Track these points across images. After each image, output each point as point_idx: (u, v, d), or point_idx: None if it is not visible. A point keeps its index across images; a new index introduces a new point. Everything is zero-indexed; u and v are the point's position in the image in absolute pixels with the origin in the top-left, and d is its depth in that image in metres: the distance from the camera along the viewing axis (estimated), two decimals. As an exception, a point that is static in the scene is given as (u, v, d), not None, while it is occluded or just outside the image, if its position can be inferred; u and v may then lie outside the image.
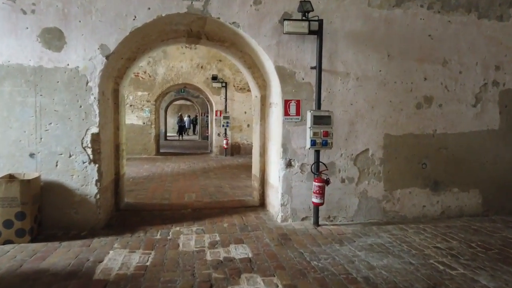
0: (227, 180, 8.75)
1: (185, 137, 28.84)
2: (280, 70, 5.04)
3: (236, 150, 14.45)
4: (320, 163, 4.94)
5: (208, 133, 23.56)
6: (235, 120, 14.33)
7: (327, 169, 4.95)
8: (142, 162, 12.09)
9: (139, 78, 13.68)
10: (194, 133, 32.42)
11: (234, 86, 14.26)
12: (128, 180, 8.45)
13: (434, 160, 5.44)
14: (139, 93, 13.76)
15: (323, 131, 4.81)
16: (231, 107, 14.30)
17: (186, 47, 13.64)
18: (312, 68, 5.06)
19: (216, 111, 14.25)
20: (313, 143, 4.81)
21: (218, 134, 14.34)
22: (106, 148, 5.10)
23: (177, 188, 7.74)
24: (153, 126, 13.92)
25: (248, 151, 14.30)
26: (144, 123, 13.86)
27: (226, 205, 6.16)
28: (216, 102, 14.25)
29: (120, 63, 5.39)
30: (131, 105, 13.73)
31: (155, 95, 13.85)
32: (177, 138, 24.25)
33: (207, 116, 23.20)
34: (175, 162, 12.32)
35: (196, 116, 31.89)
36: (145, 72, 13.69)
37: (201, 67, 13.95)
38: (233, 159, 13.39)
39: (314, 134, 4.80)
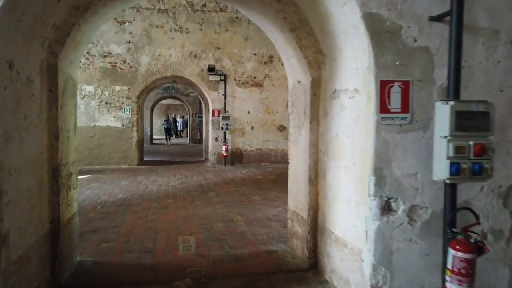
0: (238, 207, 6.18)
1: (174, 140, 26.06)
2: (372, 23, 2.55)
3: (238, 158, 11.87)
4: (464, 210, 2.43)
5: (200, 136, 20.93)
6: (236, 121, 11.77)
7: (478, 222, 2.43)
8: (120, 175, 9.42)
9: (117, 69, 11.00)
10: (181, 136, 29.67)
11: (235, 79, 11.70)
12: (93, 210, 5.80)
13: None
14: (117, 88, 11.08)
15: (475, 145, 2.30)
16: (232, 105, 11.72)
17: (176, 30, 11.02)
18: (432, 18, 2.58)
19: (213, 110, 11.65)
20: (456, 169, 2.29)
21: (216, 139, 11.73)
22: (25, 178, 2.52)
23: (166, 224, 5.15)
24: (134, 128, 11.25)
25: (252, 159, 11.75)
26: (123, 125, 11.17)
27: (251, 269, 3.61)
28: (213, 99, 11.65)
29: (56, 12, 2.80)
30: (107, 103, 11.03)
31: (137, 90, 11.18)
32: (164, 142, 21.46)
33: (200, 117, 20.59)
34: (162, 175, 9.68)
35: (184, 117, 29.16)
36: (124, 62, 11.01)
37: (195, 55, 11.35)
38: (236, 170, 10.81)
39: (458, 150, 2.29)
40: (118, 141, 11.12)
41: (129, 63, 11.02)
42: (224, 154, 11.41)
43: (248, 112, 11.85)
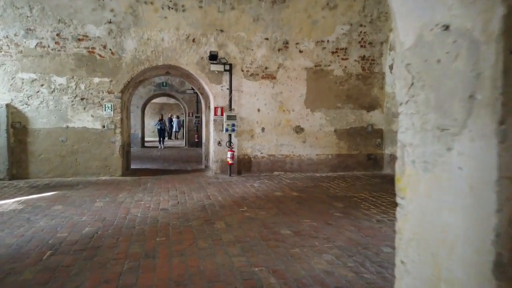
0: (263, 252, 4.01)
1: (168, 142, 23.82)
2: None
3: (246, 166, 9.72)
4: None
5: (198, 138, 18.75)
6: (244, 121, 9.62)
7: None
8: (96, 192, 7.22)
9: (95, 56, 8.80)
10: (176, 138, 27.42)
11: (242, 70, 9.54)
12: (36, 261, 3.61)
13: None
14: (96, 80, 8.87)
15: None
16: (238, 102, 9.57)
17: (169, 7, 8.84)
18: None
19: (216, 108, 9.48)
20: None
21: (219, 143, 9.56)
22: None
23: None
24: (118, 130, 9.04)
25: (263, 168, 9.62)
26: (104, 127, 8.96)
27: None
28: (216, 94, 9.48)
29: None
30: (82, 99, 8.81)
31: (121, 83, 8.98)
32: (157, 145, 19.21)
33: (197, 117, 18.43)
34: (152, 191, 7.49)
35: (179, 117, 26.96)
36: (104, 47, 8.81)
37: (193, 40, 9.17)
38: (245, 182, 8.65)
39: None
40: (97, 146, 8.92)
41: (110, 49, 8.82)
42: (230, 162, 9.24)
43: (258, 110, 9.70)
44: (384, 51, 10.19)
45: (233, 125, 9.27)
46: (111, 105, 8.94)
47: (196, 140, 18.69)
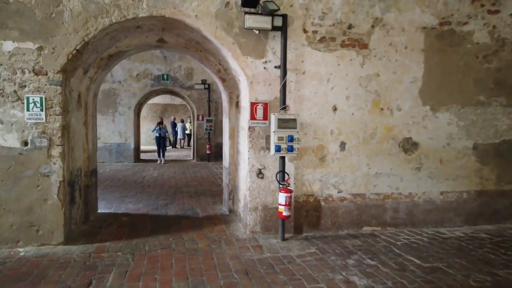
0: None
1: (171, 153, 19.26)
2: None
3: (310, 217, 5.02)
4: None
5: (209, 149, 14.08)
6: (306, 130, 4.94)
7: None
8: None
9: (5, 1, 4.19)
10: (181, 146, 22.83)
11: (306, 30, 4.87)
12: None
13: None
14: (7, 46, 4.25)
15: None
16: (296, 93, 4.89)
17: None
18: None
19: (254, 105, 4.79)
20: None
21: (260, 173, 4.85)
22: None
23: None
24: (57, 150, 4.39)
25: (343, 221, 5.00)
26: (26, 144, 4.32)
27: None
28: (254, 78, 4.80)
29: None
30: (-23, 86, 4.20)
31: (63, 53, 4.33)
32: (156, 158, 14.54)
33: (209, 121, 13.83)
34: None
35: (183, 120, 22.41)
36: (20, -26, 4.19)
37: (210, -37, 4.51)
38: (322, 264, 3.92)
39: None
40: (11, 184, 4.30)
41: (37, -19, 4.21)
42: (285, 215, 4.54)
43: (335, 108, 5.01)
44: None
45: (290, 138, 4.57)
46: (41, 99, 4.32)
47: (208, 152, 14.00)
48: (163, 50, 13.52)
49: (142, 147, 17.68)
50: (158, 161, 13.96)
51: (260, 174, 4.88)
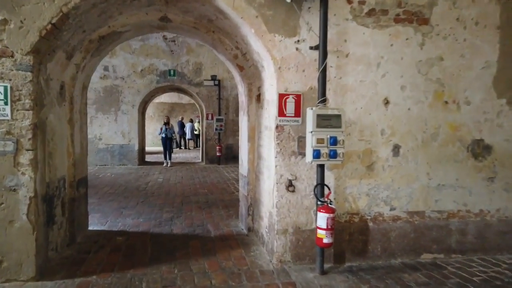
0: None
1: (179, 154, 18.29)
2: None
3: (355, 243, 3.90)
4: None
5: (219, 151, 13.02)
6: (350, 128, 3.82)
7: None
8: None
9: None
10: (188, 147, 21.85)
11: (351, 1, 3.75)
12: None
13: None
14: (-41, 19, 3.23)
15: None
16: (338, 82, 3.78)
17: None
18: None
19: (283, 97, 3.69)
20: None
21: (289, 185, 3.75)
22: None
23: None
24: (27, 156, 3.34)
25: (397, 247, 3.82)
26: (-13, 148, 3.30)
27: None
28: (283, 61, 3.70)
29: None
30: None
31: (35, 28, 3.29)
32: (162, 160, 13.50)
33: (219, 120, 12.80)
34: None
35: (192, 120, 21.44)
36: None
37: None
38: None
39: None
40: (-35, 201, 3.26)
41: None
42: (326, 242, 3.42)
43: (386, 102, 3.89)
44: None
45: (333, 141, 3.45)
46: (5, 88, 3.28)
47: (218, 154, 12.92)
48: (170, 44, 12.50)
49: (148, 148, 16.71)
50: (164, 164, 12.93)
51: (290, 186, 3.78)
